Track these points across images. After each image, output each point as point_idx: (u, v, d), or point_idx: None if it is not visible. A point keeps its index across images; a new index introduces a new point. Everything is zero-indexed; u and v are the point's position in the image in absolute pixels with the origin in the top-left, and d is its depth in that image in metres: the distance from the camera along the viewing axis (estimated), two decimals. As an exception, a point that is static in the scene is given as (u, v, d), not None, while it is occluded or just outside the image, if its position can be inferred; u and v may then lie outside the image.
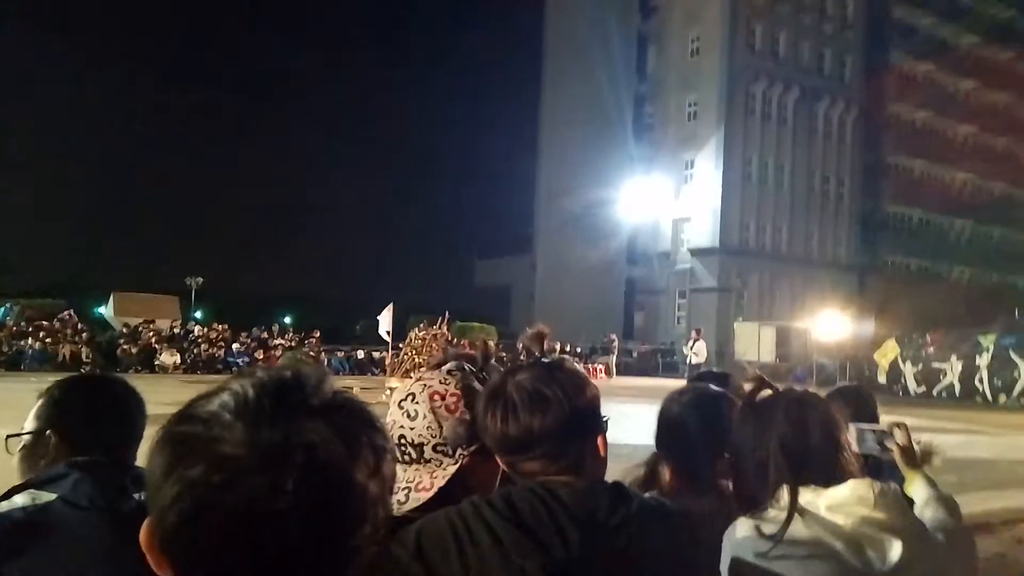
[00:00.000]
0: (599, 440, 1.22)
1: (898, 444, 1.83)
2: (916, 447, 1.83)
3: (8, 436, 1.51)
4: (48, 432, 1.47)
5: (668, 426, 1.70)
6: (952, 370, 22.10)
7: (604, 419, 1.25)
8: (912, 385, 23.16)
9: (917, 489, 1.77)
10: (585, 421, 1.19)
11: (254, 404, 0.61)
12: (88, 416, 1.48)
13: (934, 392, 22.34)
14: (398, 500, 1.20)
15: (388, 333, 16.73)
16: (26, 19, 48.11)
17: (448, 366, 1.33)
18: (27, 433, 1.49)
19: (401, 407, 1.29)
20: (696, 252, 38.57)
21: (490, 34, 62.96)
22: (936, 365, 22.63)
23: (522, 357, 1.28)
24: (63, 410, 1.49)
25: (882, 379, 23.96)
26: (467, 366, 1.33)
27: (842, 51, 42.26)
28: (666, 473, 1.68)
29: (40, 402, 1.51)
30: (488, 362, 1.37)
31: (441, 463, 1.24)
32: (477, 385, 1.29)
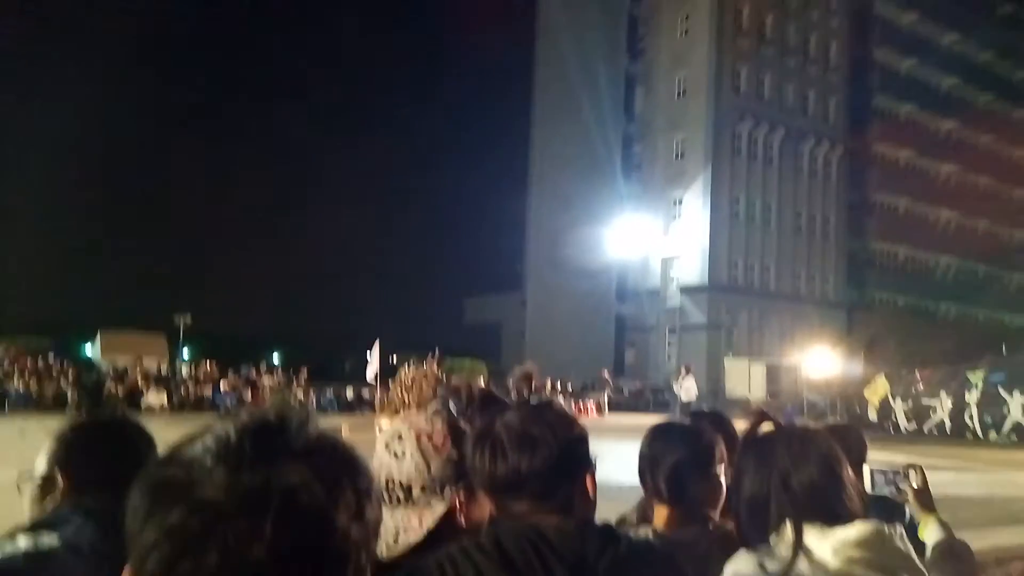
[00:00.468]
0: (588, 480, 1.21)
1: (913, 487, 1.81)
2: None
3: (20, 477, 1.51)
4: (57, 474, 1.45)
5: (644, 461, 1.71)
6: (942, 407, 22.10)
7: (593, 459, 1.24)
8: (903, 422, 23.13)
9: (930, 533, 1.75)
10: (573, 461, 1.19)
11: (235, 447, 0.60)
12: (97, 458, 1.46)
13: (925, 429, 22.31)
14: (387, 543, 1.19)
15: (376, 376, 16.61)
16: (10, 57, 48.14)
17: (433, 406, 1.33)
18: (38, 474, 1.48)
19: (388, 448, 1.28)
20: (685, 289, 38.76)
21: (480, 73, 63.84)
22: (926, 402, 22.64)
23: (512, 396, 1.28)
24: (72, 452, 1.48)
25: (873, 416, 23.93)
26: (452, 404, 1.33)
27: (826, 92, 43.10)
28: (656, 512, 1.68)
29: (51, 443, 1.50)
30: (472, 403, 1.37)
31: (430, 503, 1.23)
32: (463, 424, 1.29)
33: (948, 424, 21.77)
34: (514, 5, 49.14)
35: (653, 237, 39.40)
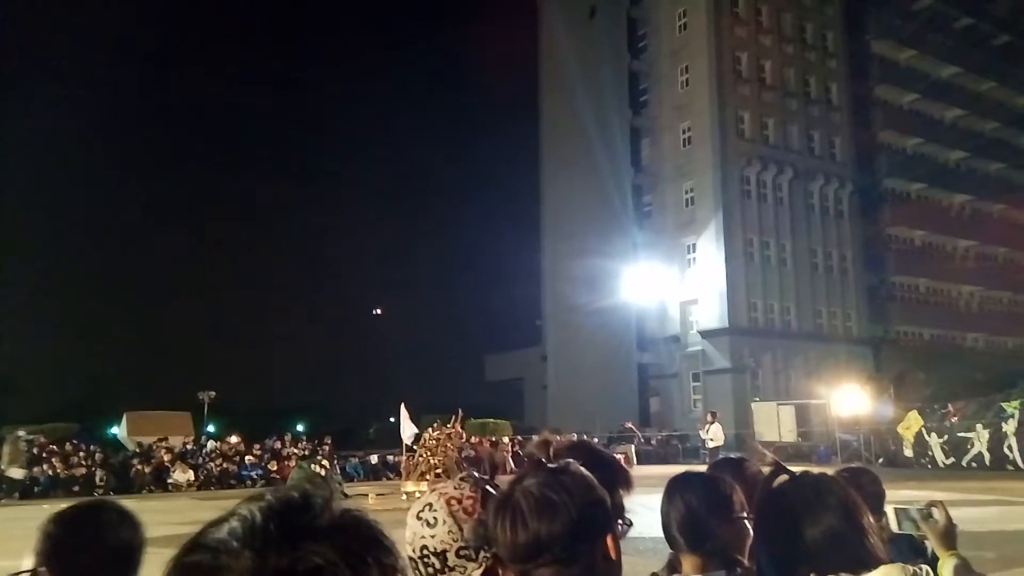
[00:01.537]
0: (610, 542, 1.21)
1: (935, 524, 1.79)
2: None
3: None
4: (43, 569, 1.43)
5: (664, 515, 1.73)
6: (979, 439, 21.56)
7: (619, 522, 1.24)
8: (940, 457, 22.55)
9: (949, 572, 1.72)
10: (594, 524, 1.19)
11: (261, 530, 0.60)
12: (81, 550, 1.44)
13: (963, 463, 21.73)
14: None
15: (412, 437, 16.50)
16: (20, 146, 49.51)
17: (460, 475, 1.34)
18: (26, 571, 1.45)
19: (420, 518, 1.29)
20: (706, 334, 38.45)
21: (490, 135, 65.27)
22: (962, 435, 22.10)
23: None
24: (56, 544, 1.46)
25: (908, 452, 23.37)
26: (476, 474, 1.34)
27: (830, 132, 43.40)
28: (683, 563, 1.67)
29: (37, 537, 1.48)
30: (496, 471, 1.38)
31: (465, 569, 1.23)
32: (491, 489, 1.29)
33: (987, 456, 21.20)
34: (520, 66, 50.44)
35: (669, 283, 39.34)
